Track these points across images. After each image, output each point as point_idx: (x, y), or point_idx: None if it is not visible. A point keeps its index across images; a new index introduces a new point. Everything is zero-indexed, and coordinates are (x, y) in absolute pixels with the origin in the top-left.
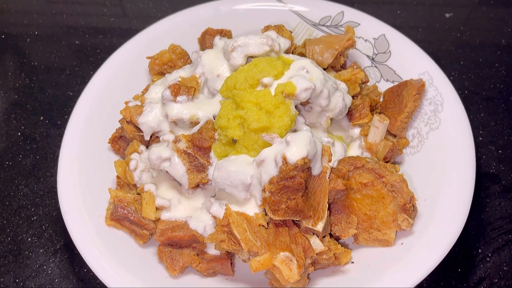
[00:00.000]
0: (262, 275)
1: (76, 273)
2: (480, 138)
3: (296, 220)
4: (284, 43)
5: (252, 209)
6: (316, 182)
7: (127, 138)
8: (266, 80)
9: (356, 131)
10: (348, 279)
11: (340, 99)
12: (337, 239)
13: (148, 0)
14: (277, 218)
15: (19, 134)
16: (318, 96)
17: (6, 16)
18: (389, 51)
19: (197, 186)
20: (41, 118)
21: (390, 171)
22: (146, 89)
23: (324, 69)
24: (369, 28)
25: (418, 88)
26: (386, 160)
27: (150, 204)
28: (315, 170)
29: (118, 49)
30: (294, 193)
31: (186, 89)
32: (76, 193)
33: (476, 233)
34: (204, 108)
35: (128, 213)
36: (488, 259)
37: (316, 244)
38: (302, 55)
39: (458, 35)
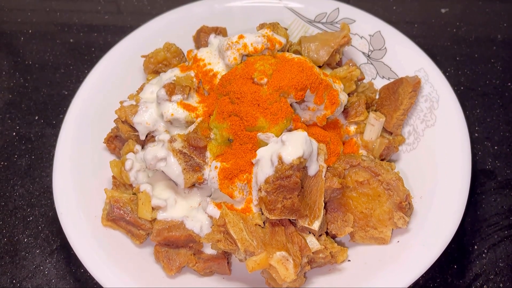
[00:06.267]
0: (259, 274)
1: (73, 274)
2: (476, 134)
3: (292, 219)
4: (279, 41)
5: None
6: (312, 181)
7: (123, 137)
8: (261, 79)
9: (352, 128)
10: (345, 278)
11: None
12: (334, 237)
13: None
14: (273, 218)
15: (14, 134)
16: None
17: None
18: (385, 47)
19: (193, 185)
20: (36, 117)
21: (386, 169)
22: (141, 88)
23: (320, 66)
24: (365, 24)
25: (413, 85)
26: (382, 157)
27: (146, 204)
28: (311, 170)
29: (113, 48)
30: (290, 193)
31: (181, 88)
32: (72, 194)
33: (472, 229)
34: (199, 107)
35: (124, 214)
36: (484, 255)
37: (313, 243)
38: (298, 52)
39: (454, 30)
